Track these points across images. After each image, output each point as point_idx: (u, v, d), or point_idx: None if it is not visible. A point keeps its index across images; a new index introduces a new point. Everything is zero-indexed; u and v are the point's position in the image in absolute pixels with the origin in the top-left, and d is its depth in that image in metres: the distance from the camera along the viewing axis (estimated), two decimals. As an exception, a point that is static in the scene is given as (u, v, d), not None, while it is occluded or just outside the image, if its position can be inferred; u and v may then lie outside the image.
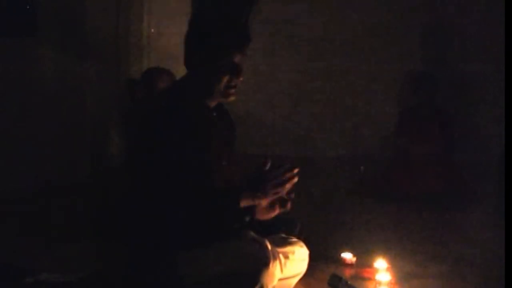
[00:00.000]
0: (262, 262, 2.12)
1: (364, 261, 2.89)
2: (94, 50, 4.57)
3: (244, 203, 2.13)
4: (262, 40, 5.56)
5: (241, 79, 2.22)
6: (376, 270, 2.73)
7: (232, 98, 2.25)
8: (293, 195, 2.22)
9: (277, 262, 2.20)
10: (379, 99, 5.75)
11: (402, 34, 5.65)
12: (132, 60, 4.69)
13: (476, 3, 5.46)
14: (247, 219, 2.17)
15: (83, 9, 4.55)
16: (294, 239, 2.49)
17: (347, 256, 2.92)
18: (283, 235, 2.49)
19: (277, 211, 2.24)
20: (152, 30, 4.75)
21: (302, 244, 2.48)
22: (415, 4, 5.61)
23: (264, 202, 2.18)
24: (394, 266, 2.79)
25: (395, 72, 5.62)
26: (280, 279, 2.27)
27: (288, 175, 2.12)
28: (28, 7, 4.43)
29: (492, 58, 5.16)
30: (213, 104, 2.28)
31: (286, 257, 2.33)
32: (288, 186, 2.14)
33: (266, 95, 5.84)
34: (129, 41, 4.70)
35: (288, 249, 2.38)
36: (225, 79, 2.19)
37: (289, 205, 2.23)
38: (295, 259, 2.38)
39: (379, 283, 2.64)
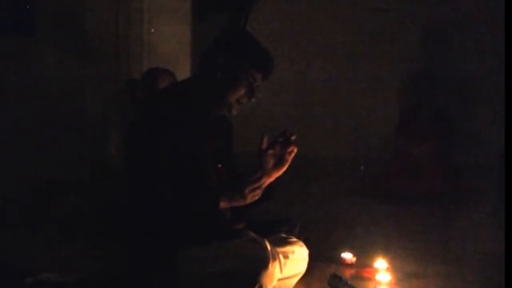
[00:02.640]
0: (261, 263, 2.12)
1: (364, 261, 2.89)
2: (94, 50, 4.57)
3: (223, 206, 2.15)
4: (263, 41, 5.56)
5: (253, 100, 2.24)
6: (376, 270, 2.73)
7: (234, 113, 2.27)
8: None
9: (277, 262, 2.20)
10: (379, 99, 5.75)
11: (402, 34, 5.66)
12: (132, 60, 4.68)
13: (476, 3, 5.46)
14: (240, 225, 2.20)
15: (83, 9, 4.55)
16: (294, 239, 2.49)
17: (347, 256, 2.91)
18: (283, 235, 2.49)
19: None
20: (152, 30, 4.75)
21: (302, 244, 2.48)
22: (415, 5, 5.61)
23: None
24: (394, 266, 2.79)
25: (395, 72, 5.62)
26: (280, 279, 2.28)
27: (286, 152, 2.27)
28: (28, 7, 4.43)
29: (492, 58, 5.16)
30: (212, 110, 2.28)
31: (286, 257, 2.33)
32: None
33: (266, 95, 5.83)
34: (129, 41, 4.70)
35: (288, 248, 2.38)
36: (240, 94, 2.21)
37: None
38: (295, 259, 2.38)
39: (379, 283, 2.63)
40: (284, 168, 2.30)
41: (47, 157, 4.34)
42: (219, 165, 2.29)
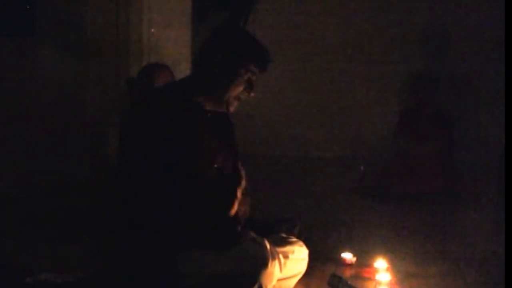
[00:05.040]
0: (261, 262, 2.12)
1: (364, 261, 2.89)
2: (94, 50, 4.56)
3: None
4: (262, 41, 5.56)
5: (252, 95, 2.24)
6: (376, 270, 2.72)
7: (232, 110, 2.26)
8: None
9: (276, 262, 2.20)
10: (379, 99, 5.75)
11: (402, 34, 5.66)
12: (132, 60, 4.68)
13: (476, 3, 5.46)
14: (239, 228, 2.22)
15: (83, 9, 4.55)
16: (294, 239, 2.49)
17: (347, 256, 2.91)
18: (283, 235, 2.49)
19: None
20: (152, 30, 4.75)
21: (301, 243, 2.48)
22: (415, 5, 5.61)
23: None
24: (394, 266, 2.79)
25: (395, 72, 5.62)
26: (280, 279, 2.28)
27: None
28: (28, 7, 4.43)
29: (492, 58, 5.16)
30: (209, 106, 2.27)
31: (286, 256, 2.33)
32: None
33: (266, 95, 5.84)
34: (129, 41, 4.70)
35: (288, 248, 2.38)
36: (239, 91, 2.21)
37: None
38: (294, 259, 2.38)
39: (379, 283, 2.63)
40: None
41: (47, 157, 4.34)
42: (215, 166, 2.27)
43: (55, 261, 2.86)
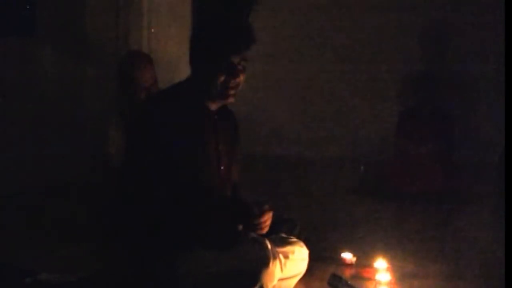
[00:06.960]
0: (262, 262, 2.12)
1: (364, 261, 2.89)
2: (94, 50, 4.57)
3: None
4: (262, 40, 5.55)
5: (238, 80, 2.20)
6: (376, 270, 2.73)
7: (231, 100, 2.25)
8: None
9: (277, 261, 2.21)
10: (379, 99, 5.74)
11: (402, 34, 5.65)
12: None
13: (476, 3, 5.46)
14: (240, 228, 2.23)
15: (83, 9, 4.56)
16: (294, 239, 2.49)
17: (347, 256, 2.91)
18: (283, 235, 2.49)
19: None
20: (152, 30, 4.75)
21: (302, 244, 2.48)
22: (415, 4, 5.61)
23: None
24: (394, 266, 2.79)
25: (395, 72, 5.62)
26: (280, 279, 2.28)
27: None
28: (28, 7, 4.43)
29: (492, 58, 5.16)
30: (214, 106, 2.27)
31: (286, 257, 2.33)
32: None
33: (266, 95, 5.85)
34: (129, 41, 4.70)
35: (288, 249, 2.38)
36: (221, 79, 2.18)
37: None
38: (295, 259, 2.39)
39: (379, 283, 2.63)
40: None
41: (47, 157, 4.34)
42: (222, 167, 2.28)
43: (55, 261, 2.86)
